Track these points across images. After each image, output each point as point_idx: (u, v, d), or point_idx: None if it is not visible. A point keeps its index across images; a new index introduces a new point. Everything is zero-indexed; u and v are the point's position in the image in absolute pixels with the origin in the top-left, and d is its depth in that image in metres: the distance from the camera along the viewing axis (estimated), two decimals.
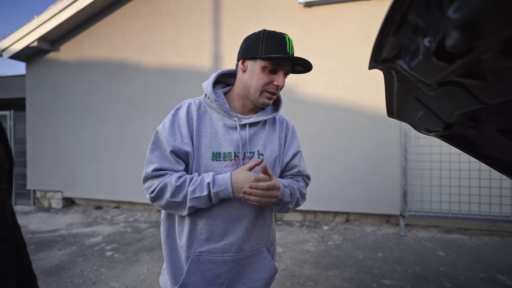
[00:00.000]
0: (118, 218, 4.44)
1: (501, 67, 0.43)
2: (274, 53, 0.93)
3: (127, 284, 2.51)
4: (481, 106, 0.57)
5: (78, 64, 5.02)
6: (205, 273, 0.95)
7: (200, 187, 0.89)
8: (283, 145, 1.07)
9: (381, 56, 0.61)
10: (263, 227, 1.02)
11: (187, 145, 0.94)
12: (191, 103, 1.00)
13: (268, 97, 0.98)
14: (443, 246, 3.21)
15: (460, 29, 0.35)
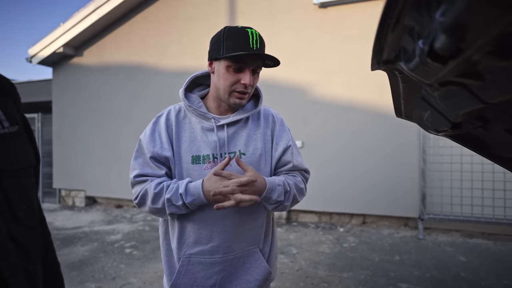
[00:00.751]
0: (137, 217, 4.58)
1: (496, 67, 0.44)
2: (235, 51, 0.87)
3: (144, 280, 2.59)
4: (483, 105, 0.57)
5: (100, 68, 5.23)
6: (195, 275, 0.96)
7: (175, 196, 0.89)
8: (270, 140, 1.03)
9: (382, 57, 0.62)
10: (254, 228, 1.00)
11: (166, 150, 0.95)
12: (170, 109, 1.02)
13: (238, 97, 0.94)
14: (464, 251, 3.10)
15: (447, 32, 0.37)
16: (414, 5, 0.42)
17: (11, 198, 0.52)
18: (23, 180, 0.56)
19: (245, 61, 0.90)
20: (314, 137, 4.03)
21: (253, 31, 0.90)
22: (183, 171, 0.97)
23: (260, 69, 0.96)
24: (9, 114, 0.56)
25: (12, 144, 0.55)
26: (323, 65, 3.95)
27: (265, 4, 4.21)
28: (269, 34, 4.24)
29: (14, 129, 0.55)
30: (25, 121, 0.60)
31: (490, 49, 0.38)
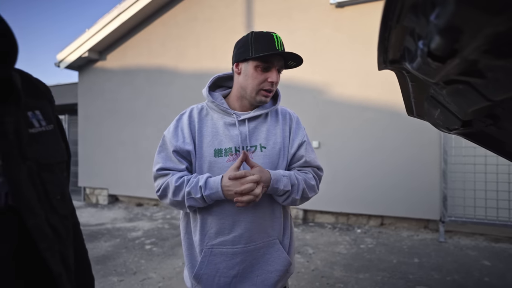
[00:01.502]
0: (157, 215, 4.72)
1: (496, 66, 0.45)
2: (263, 52, 0.96)
3: (164, 275, 2.68)
4: (489, 103, 0.58)
5: (122, 71, 5.44)
6: (218, 265, 1.00)
7: (195, 189, 0.95)
8: (288, 137, 1.09)
9: (388, 57, 0.64)
10: (273, 220, 1.05)
11: (188, 144, 1.02)
12: (193, 108, 1.10)
13: (264, 95, 1.02)
14: (489, 256, 2.99)
15: (441, 34, 0.39)
16: (412, 7, 0.44)
17: (48, 189, 0.58)
18: (57, 173, 0.62)
19: (272, 61, 0.99)
20: (331, 137, 4.01)
21: (277, 35, 1.00)
22: (204, 164, 1.02)
23: (283, 69, 1.04)
24: (46, 114, 0.63)
25: (48, 141, 0.62)
26: (340, 65, 3.93)
27: (282, 5, 4.24)
28: (285, 35, 4.26)
29: (49, 128, 0.62)
30: (58, 120, 0.68)
31: (486, 48, 0.40)
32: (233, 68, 1.07)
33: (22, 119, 0.56)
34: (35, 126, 0.59)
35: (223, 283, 1.00)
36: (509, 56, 0.40)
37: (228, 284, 1.00)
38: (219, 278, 1.00)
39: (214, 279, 1.00)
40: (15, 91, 0.55)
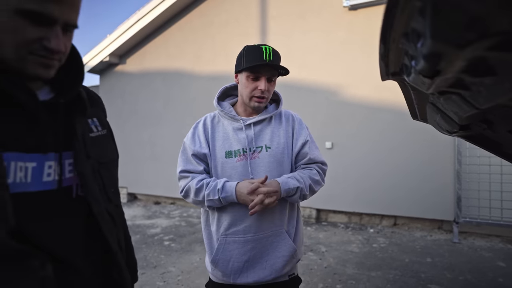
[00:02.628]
0: (174, 213, 4.89)
1: (476, 81, 0.54)
2: (252, 63, 1.09)
3: (182, 269, 2.83)
4: (477, 110, 0.66)
5: (141, 75, 5.65)
6: (231, 252, 1.15)
7: (213, 192, 1.10)
8: (291, 137, 1.22)
9: (389, 70, 0.73)
10: (280, 212, 1.18)
11: (204, 148, 1.18)
12: (207, 116, 1.26)
13: (257, 101, 1.15)
14: (504, 257, 2.98)
15: (425, 58, 0.48)
16: (404, 34, 0.54)
17: (105, 183, 0.71)
18: (111, 170, 0.76)
19: (260, 71, 1.12)
20: (345, 138, 4.06)
21: (267, 47, 1.12)
22: (218, 165, 1.18)
23: (275, 77, 1.17)
24: (100, 120, 0.76)
25: (104, 143, 0.75)
26: (353, 67, 3.97)
27: (295, 8, 4.32)
28: (299, 37, 4.35)
29: (104, 132, 0.76)
30: (109, 125, 0.81)
31: (463, 69, 0.49)
32: (234, 79, 1.24)
33: (85, 125, 0.69)
34: (94, 131, 0.72)
35: (236, 267, 1.14)
36: (483, 75, 0.49)
37: (240, 268, 1.14)
38: (233, 263, 1.14)
39: (229, 263, 1.15)
40: (83, 103, 0.67)
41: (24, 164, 0.56)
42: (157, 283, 2.59)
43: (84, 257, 0.63)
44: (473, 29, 0.37)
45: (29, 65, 0.55)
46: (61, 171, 0.61)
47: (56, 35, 0.55)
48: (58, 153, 0.61)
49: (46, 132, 0.59)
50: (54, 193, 0.60)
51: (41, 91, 0.64)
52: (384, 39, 0.59)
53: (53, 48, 0.55)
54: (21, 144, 0.56)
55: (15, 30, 0.52)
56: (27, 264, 0.53)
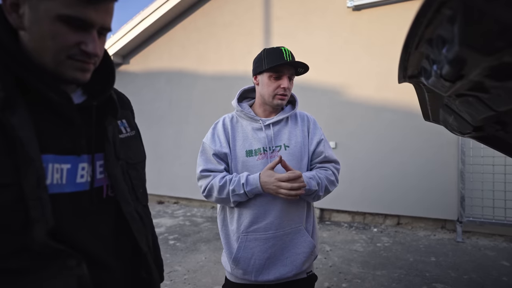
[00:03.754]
0: (178, 213, 4.92)
1: (497, 85, 0.56)
2: (274, 63, 1.15)
3: (188, 268, 2.85)
4: (494, 113, 0.68)
5: (144, 75, 5.68)
6: (253, 250, 1.17)
7: (238, 186, 1.13)
8: (307, 136, 1.27)
9: (407, 73, 0.75)
10: (298, 209, 1.21)
11: (225, 148, 1.21)
12: (225, 117, 1.30)
13: (280, 99, 1.20)
14: (508, 256, 3.00)
15: (450, 63, 0.50)
16: (428, 40, 0.56)
17: (134, 184, 0.73)
18: (139, 170, 0.77)
19: (282, 70, 1.17)
20: (348, 138, 4.08)
21: (285, 48, 1.18)
22: (238, 164, 1.20)
23: (294, 76, 1.22)
24: (129, 122, 0.78)
25: (132, 144, 0.77)
26: (357, 67, 3.99)
27: (299, 8, 4.34)
28: (303, 38, 4.37)
29: (133, 133, 0.77)
30: (137, 126, 0.83)
31: (486, 74, 0.51)
32: (253, 81, 1.28)
33: (115, 127, 0.71)
34: (123, 132, 0.74)
35: (258, 264, 1.16)
36: (505, 80, 0.51)
37: (262, 265, 1.16)
38: (255, 260, 1.16)
39: (250, 261, 1.16)
40: (114, 106, 0.69)
41: (59, 166, 0.58)
42: (164, 282, 2.61)
43: (115, 256, 0.65)
44: (504, 37, 0.39)
45: (67, 69, 0.58)
46: (93, 172, 0.63)
47: (93, 39, 0.58)
48: (90, 155, 0.63)
49: (80, 134, 0.61)
50: (87, 194, 0.62)
51: (74, 94, 0.66)
52: (407, 45, 0.61)
53: (90, 52, 0.57)
54: (57, 146, 0.58)
55: (56, 36, 0.54)
56: (64, 263, 0.55)
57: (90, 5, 0.55)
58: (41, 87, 0.56)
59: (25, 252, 0.51)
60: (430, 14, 0.44)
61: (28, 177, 0.50)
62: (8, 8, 0.55)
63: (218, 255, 3.12)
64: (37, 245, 0.51)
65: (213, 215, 4.70)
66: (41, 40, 0.55)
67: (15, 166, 0.50)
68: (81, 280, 0.56)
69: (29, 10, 0.54)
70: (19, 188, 0.50)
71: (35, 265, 0.52)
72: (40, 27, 0.54)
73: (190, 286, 2.54)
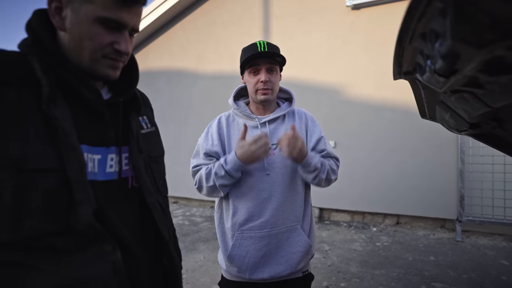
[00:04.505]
0: (177, 212, 4.91)
1: (491, 80, 0.56)
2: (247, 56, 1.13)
3: (187, 268, 2.84)
4: (489, 109, 0.68)
5: (144, 74, 5.65)
6: (248, 248, 1.16)
7: (219, 168, 1.12)
8: (305, 134, 1.26)
9: (402, 69, 0.75)
10: (294, 207, 1.20)
11: (216, 146, 1.20)
12: (222, 116, 1.29)
13: (262, 93, 1.17)
14: (507, 255, 2.99)
15: (443, 58, 0.50)
16: (421, 34, 0.55)
17: (155, 176, 0.77)
18: (160, 164, 0.82)
19: (258, 63, 1.15)
20: (348, 137, 4.08)
21: (261, 41, 1.16)
22: None
23: (275, 66, 1.18)
24: (150, 119, 0.83)
25: (153, 139, 0.81)
26: (356, 66, 3.99)
27: (298, 8, 4.33)
28: (302, 37, 4.36)
29: (153, 129, 0.83)
30: (155, 123, 0.87)
31: (480, 68, 0.51)
32: (242, 82, 1.28)
33: (138, 122, 0.75)
34: (144, 128, 0.78)
35: (253, 262, 1.15)
36: (499, 74, 0.50)
37: (257, 264, 1.16)
38: (249, 258, 1.15)
39: (245, 259, 1.16)
40: (138, 103, 0.74)
41: (92, 156, 0.62)
42: None
43: (140, 244, 0.68)
44: (495, 30, 0.38)
45: (101, 66, 0.63)
46: (120, 163, 0.68)
47: (125, 39, 0.64)
48: (118, 147, 0.68)
49: (109, 128, 0.66)
50: (115, 183, 0.67)
51: (102, 91, 0.70)
52: (400, 39, 0.60)
53: (123, 51, 0.63)
54: (89, 138, 0.62)
55: (93, 36, 0.60)
56: (102, 248, 0.59)
57: (124, 8, 0.61)
58: (76, 83, 0.60)
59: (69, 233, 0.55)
60: (422, 7, 0.44)
61: (72, 163, 0.55)
62: (53, 12, 0.61)
63: (217, 254, 3.11)
64: (82, 225, 0.55)
65: (212, 214, 4.70)
66: (80, 40, 0.60)
67: (59, 154, 0.55)
68: (115, 266, 0.60)
69: (71, 13, 0.60)
70: (63, 174, 0.55)
71: (77, 246, 0.56)
72: (80, 28, 0.60)
73: (189, 285, 2.53)
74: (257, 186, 1.15)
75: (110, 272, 0.59)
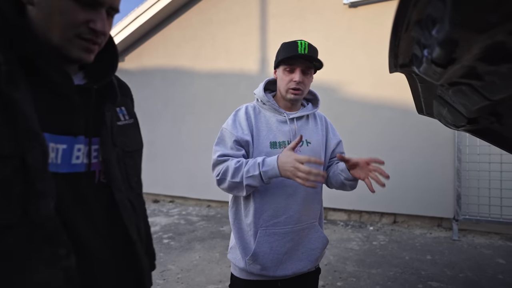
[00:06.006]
0: (173, 211, 4.87)
1: (491, 70, 0.53)
2: (286, 55, 1.14)
3: (182, 267, 2.81)
4: (488, 102, 0.65)
5: (140, 72, 5.62)
6: (272, 244, 1.14)
7: (253, 167, 1.05)
8: (325, 136, 1.30)
9: (398, 62, 0.72)
10: (314, 205, 1.22)
11: (247, 135, 1.16)
12: (248, 105, 1.25)
13: (292, 93, 1.17)
14: (504, 254, 2.98)
15: (440, 45, 0.47)
16: (417, 21, 0.52)
17: (128, 172, 0.72)
18: (136, 159, 0.76)
19: (294, 63, 1.15)
20: (344, 136, 4.00)
21: (302, 41, 1.14)
22: (261, 154, 1.15)
23: (310, 69, 1.18)
24: (128, 110, 0.77)
25: (130, 132, 0.75)
26: (353, 64, 3.97)
27: (295, 6, 4.31)
28: (299, 35, 4.32)
29: (131, 121, 0.76)
30: (135, 115, 0.81)
31: (479, 56, 0.48)
32: (273, 75, 1.27)
33: (114, 113, 0.70)
34: (121, 119, 0.73)
35: (276, 259, 1.14)
36: (499, 63, 0.48)
37: (280, 260, 1.15)
38: (273, 255, 1.14)
39: (269, 256, 1.14)
40: (114, 91, 0.68)
41: (55, 146, 0.57)
42: (156, 281, 2.57)
43: (106, 244, 0.64)
44: (497, 12, 0.35)
45: (73, 48, 0.58)
46: (90, 155, 0.62)
47: (102, 18, 0.58)
48: (87, 138, 0.62)
49: (78, 116, 0.61)
50: (81, 176, 0.61)
51: (76, 76, 0.65)
52: (396, 28, 0.57)
53: (99, 30, 0.57)
54: (54, 125, 0.57)
55: (64, 12, 0.54)
56: (55, 251, 0.53)
57: None
58: (43, 64, 0.55)
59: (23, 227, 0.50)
60: None
61: (33, 151, 0.50)
62: None
63: (213, 254, 3.09)
64: (41, 218, 0.50)
65: (209, 214, 4.67)
66: (50, 15, 0.55)
67: (16, 139, 0.49)
68: (67, 273, 0.54)
69: None
70: (20, 161, 0.49)
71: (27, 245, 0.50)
72: (49, 1, 0.54)
73: (183, 285, 2.50)
74: (282, 182, 1.13)
75: (61, 279, 0.53)
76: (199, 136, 4.90)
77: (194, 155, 5.04)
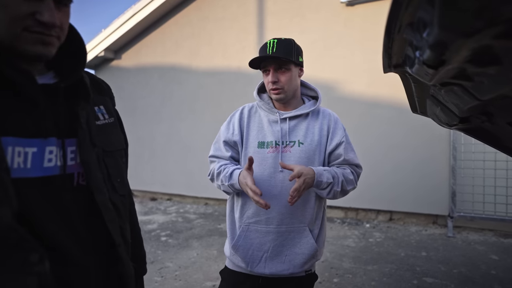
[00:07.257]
0: (171, 209, 4.88)
1: (479, 71, 0.55)
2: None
3: (179, 265, 2.83)
4: (478, 102, 0.67)
5: (137, 70, 5.60)
6: (252, 240, 1.17)
7: (225, 177, 1.15)
8: (326, 135, 1.22)
9: (392, 62, 0.74)
10: (305, 209, 1.17)
11: (236, 136, 1.22)
12: (245, 106, 1.29)
13: (273, 93, 1.18)
14: (497, 251, 3.03)
15: (431, 48, 0.49)
16: (409, 24, 0.54)
17: (110, 172, 0.70)
18: (118, 159, 0.74)
19: (266, 65, 1.16)
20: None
21: (271, 40, 1.14)
22: (249, 154, 1.20)
23: (285, 65, 1.15)
24: (108, 109, 0.75)
25: (110, 131, 0.74)
26: (350, 62, 3.98)
27: (293, 3, 4.31)
28: (297, 33, 4.34)
29: (111, 120, 0.75)
30: (117, 114, 0.80)
31: (468, 59, 0.50)
32: None
33: (91, 112, 0.67)
34: (100, 119, 0.71)
35: (256, 256, 1.16)
36: (486, 65, 0.50)
37: (260, 258, 1.16)
38: (253, 251, 1.16)
39: (249, 251, 1.17)
40: (86, 89, 0.65)
41: (23, 149, 0.54)
42: (154, 278, 2.59)
43: (86, 249, 0.61)
44: (482, 17, 0.37)
45: (25, 43, 0.54)
46: (65, 157, 0.59)
47: (49, 8, 0.54)
48: (60, 139, 0.59)
49: (45, 116, 0.58)
50: (56, 179, 0.58)
51: (45, 76, 0.62)
52: (389, 30, 0.59)
53: (47, 22, 0.53)
54: (19, 128, 0.54)
55: (6, 5, 0.51)
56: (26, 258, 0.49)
57: None
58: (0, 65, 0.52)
59: None
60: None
61: None
62: None
63: (210, 251, 3.11)
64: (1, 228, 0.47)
65: (206, 211, 4.69)
66: None
67: None
68: (41, 279, 0.51)
69: None
70: None
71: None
72: None
73: (181, 282, 2.52)
74: (268, 182, 1.15)
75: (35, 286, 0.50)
76: (197, 134, 4.91)
77: (192, 153, 5.04)
